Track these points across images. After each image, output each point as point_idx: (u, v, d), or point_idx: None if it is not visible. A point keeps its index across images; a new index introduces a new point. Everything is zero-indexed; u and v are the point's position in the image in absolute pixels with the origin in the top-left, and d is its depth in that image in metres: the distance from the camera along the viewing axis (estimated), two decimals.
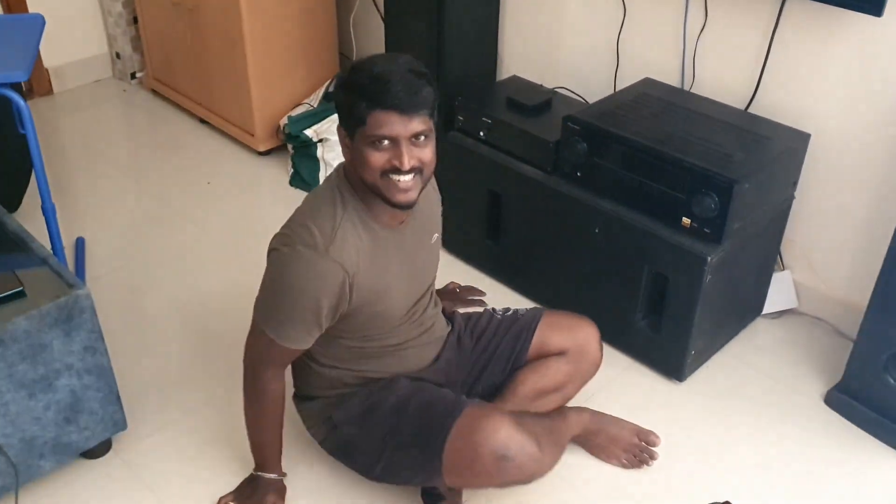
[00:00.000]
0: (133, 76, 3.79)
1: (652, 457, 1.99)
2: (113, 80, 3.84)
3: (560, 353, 1.96)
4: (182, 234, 2.82)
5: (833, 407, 2.16)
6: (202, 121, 3.47)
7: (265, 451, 1.84)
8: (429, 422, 1.71)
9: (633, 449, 1.99)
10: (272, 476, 1.86)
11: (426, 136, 1.56)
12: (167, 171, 3.18)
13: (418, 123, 1.53)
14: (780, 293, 2.44)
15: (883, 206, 2.17)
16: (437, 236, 1.85)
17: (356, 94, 1.53)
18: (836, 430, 2.11)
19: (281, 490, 1.87)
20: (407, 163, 1.53)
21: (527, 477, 1.66)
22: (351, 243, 1.61)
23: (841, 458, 2.03)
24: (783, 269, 2.44)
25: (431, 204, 1.85)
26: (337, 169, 1.70)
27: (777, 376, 2.27)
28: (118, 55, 3.76)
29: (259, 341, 1.70)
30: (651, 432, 2.01)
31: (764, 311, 2.46)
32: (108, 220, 2.88)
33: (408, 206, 1.61)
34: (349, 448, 1.85)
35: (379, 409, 1.77)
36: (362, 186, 1.62)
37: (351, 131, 1.57)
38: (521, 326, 1.98)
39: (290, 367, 1.90)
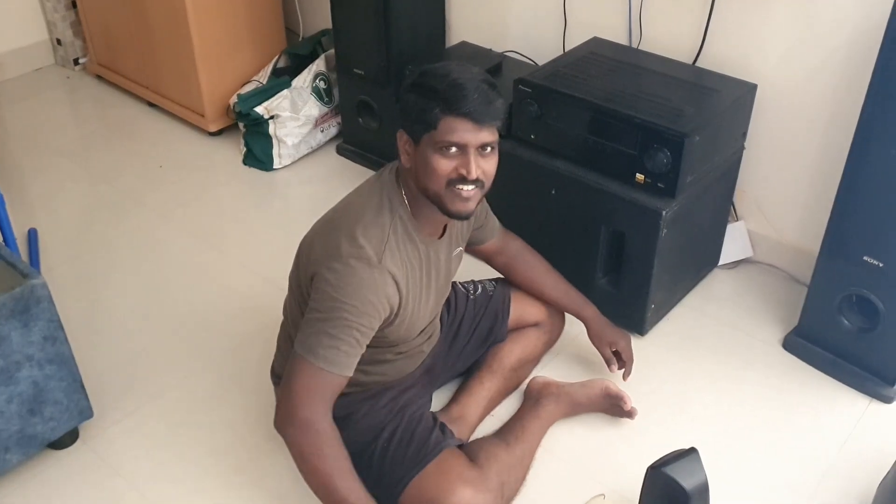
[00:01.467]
0: (76, 62, 3.71)
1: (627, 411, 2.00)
2: (55, 68, 3.76)
3: (535, 325, 2.06)
4: (137, 220, 2.78)
5: (791, 351, 2.22)
6: (150, 104, 3.42)
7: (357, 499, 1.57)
8: (395, 461, 1.68)
9: (606, 407, 2.02)
10: None
11: (492, 148, 1.55)
12: (118, 157, 3.13)
13: (488, 134, 1.52)
14: (734, 243, 2.49)
15: (830, 151, 2.21)
16: (459, 250, 1.83)
17: (430, 98, 1.50)
18: (795, 372, 2.17)
19: None
20: (473, 172, 1.52)
21: None
22: (399, 254, 1.59)
23: (801, 400, 2.09)
24: (737, 220, 2.49)
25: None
26: (388, 172, 1.66)
27: (736, 324, 2.32)
28: (59, 41, 3.68)
29: (306, 376, 1.54)
30: (623, 396, 1.99)
31: (720, 262, 2.50)
32: (59, 210, 2.84)
33: (466, 217, 1.60)
34: None
35: (355, 422, 1.73)
36: (417, 194, 1.60)
37: (417, 136, 1.54)
38: (496, 305, 2.02)
39: (278, 344, 1.89)
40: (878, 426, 2.01)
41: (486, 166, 1.55)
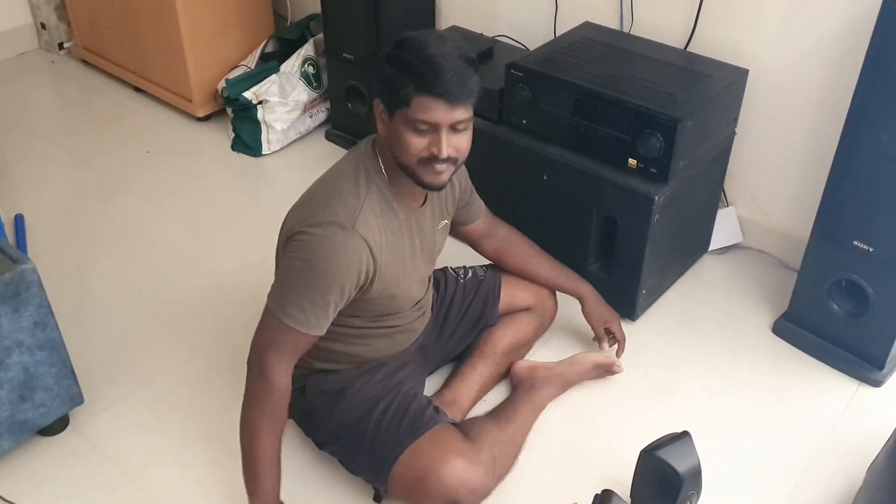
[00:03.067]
0: (61, 47, 3.67)
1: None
2: (40, 52, 3.71)
3: (526, 309, 2.07)
4: (125, 206, 2.76)
5: (781, 336, 2.23)
6: (137, 89, 3.39)
7: (261, 469, 1.61)
8: (390, 432, 1.69)
9: (595, 377, 2.07)
10: None
11: (466, 125, 1.55)
12: (104, 143, 3.10)
13: (461, 112, 1.51)
14: (725, 229, 2.50)
15: (820, 137, 2.22)
16: (445, 223, 1.83)
17: (405, 74, 1.48)
18: (784, 357, 2.18)
19: None
20: (445, 151, 1.52)
21: None
22: (374, 221, 1.59)
23: (790, 384, 2.10)
24: (727, 206, 2.49)
25: (448, 189, 1.82)
26: (365, 143, 1.66)
27: (726, 310, 2.33)
28: (43, 25, 3.63)
29: (272, 329, 1.59)
30: (612, 363, 2.06)
31: (710, 248, 2.51)
32: (46, 196, 2.81)
33: (440, 188, 1.61)
34: (311, 419, 1.85)
35: (351, 395, 1.75)
36: (393, 164, 1.61)
37: (391, 109, 1.54)
38: (486, 289, 2.03)
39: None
40: (867, 410, 2.03)
41: (458, 143, 1.55)
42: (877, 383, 2.08)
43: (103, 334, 2.23)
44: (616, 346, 2.11)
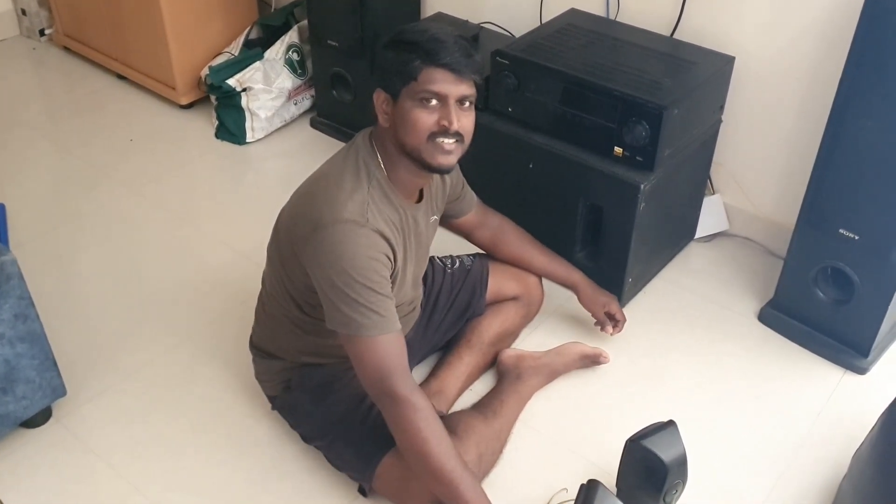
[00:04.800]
0: (42, 33, 3.62)
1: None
2: (21, 39, 3.66)
3: (513, 298, 2.06)
4: (107, 194, 2.73)
5: (766, 323, 2.23)
6: (119, 76, 3.35)
7: (468, 486, 1.52)
8: (376, 430, 1.67)
9: (582, 367, 2.07)
10: None
11: (471, 103, 1.56)
12: (86, 131, 3.06)
13: (467, 87, 1.53)
14: (711, 217, 2.50)
15: (806, 125, 2.22)
16: (435, 218, 1.82)
17: (410, 51, 1.51)
18: (770, 344, 2.18)
19: None
20: (455, 123, 1.52)
21: None
22: (381, 216, 1.57)
23: (776, 371, 2.11)
24: (713, 193, 2.49)
25: (439, 185, 1.81)
26: (361, 138, 1.65)
27: (712, 297, 2.33)
28: (24, 11, 3.58)
29: (369, 353, 1.52)
30: (599, 353, 2.06)
31: (697, 235, 2.51)
32: (28, 185, 2.78)
33: (448, 170, 1.60)
34: (296, 414, 1.84)
35: (338, 389, 1.73)
36: (394, 157, 1.60)
37: (396, 91, 1.53)
38: (474, 278, 2.02)
39: (256, 317, 1.88)
40: (852, 397, 2.04)
41: (465, 121, 1.55)
42: (862, 371, 2.09)
43: (87, 325, 2.21)
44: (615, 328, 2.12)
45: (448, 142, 1.54)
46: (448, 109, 1.52)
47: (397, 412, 1.52)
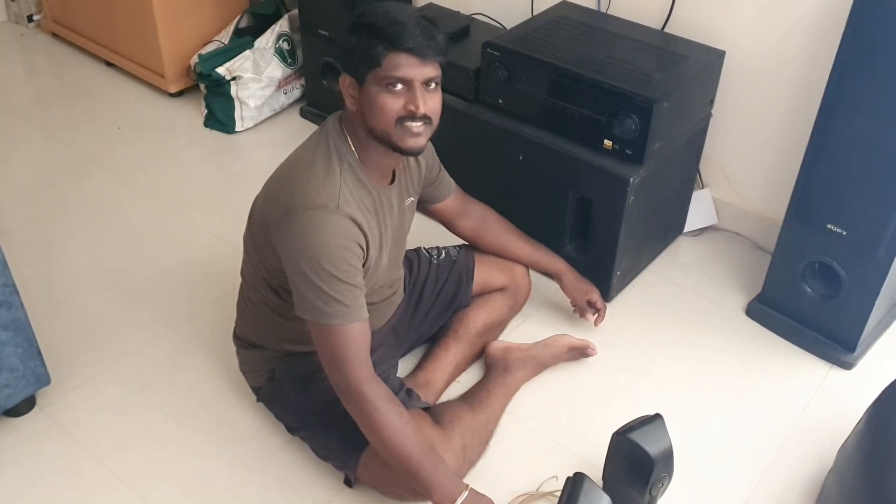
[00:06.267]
0: (30, 19, 3.59)
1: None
2: (9, 24, 3.63)
3: (500, 289, 2.06)
4: (95, 182, 2.71)
5: (754, 318, 2.24)
6: (108, 63, 3.32)
7: (432, 462, 1.54)
8: None
9: (569, 359, 2.07)
10: (469, 487, 1.57)
11: (436, 84, 1.56)
12: (74, 118, 3.04)
13: (431, 69, 1.53)
14: (700, 211, 2.50)
15: (796, 120, 2.22)
16: (412, 200, 1.81)
17: (373, 36, 1.49)
18: (757, 339, 2.19)
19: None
20: (421, 107, 1.52)
21: None
22: (353, 199, 1.57)
23: (763, 366, 2.11)
24: (702, 187, 2.49)
25: (414, 167, 1.80)
26: (331, 122, 1.64)
27: (700, 291, 2.33)
28: None
29: (330, 340, 1.54)
30: (587, 346, 2.06)
31: (685, 229, 2.51)
32: (15, 172, 2.75)
33: (418, 152, 1.60)
34: (281, 404, 1.84)
35: (322, 379, 1.71)
36: (364, 139, 1.59)
37: (361, 76, 1.53)
38: (460, 269, 2.02)
39: (238, 308, 1.88)
40: (838, 392, 2.04)
41: (431, 103, 1.55)
42: (848, 366, 2.09)
43: (72, 313, 2.20)
44: (596, 317, 2.14)
45: (416, 125, 1.55)
46: (414, 93, 1.52)
47: (353, 401, 1.55)
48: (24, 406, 1.91)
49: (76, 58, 3.41)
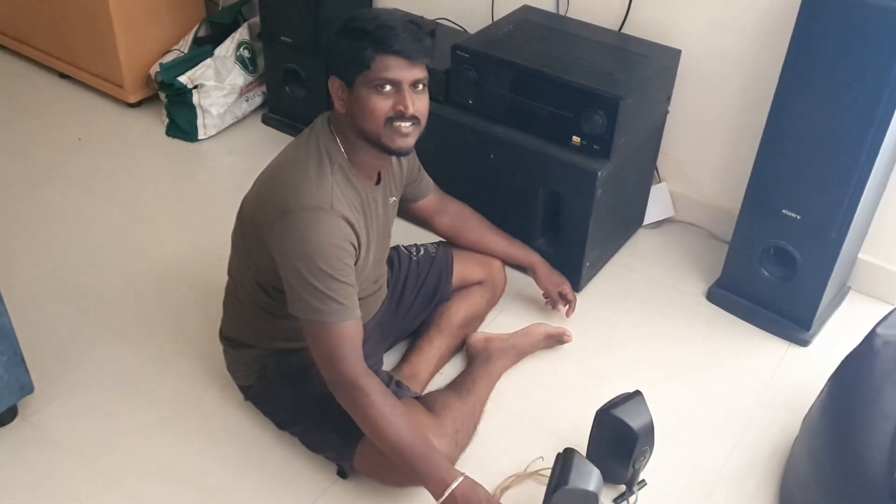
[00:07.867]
0: None
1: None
2: None
3: (478, 283, 2.13)
4: (59, 195, 2.69)
5: (715, 302, 2.35)
6: (62, 75, 3.29)
7: (425, 453, 1.58)
8: None
9: (547, 346, 2.15)
10: (464, 475, 1.59)
11: (424, 85, 1.60)
12: (31, 132, 3.00)
13: (419, 71, 1.57)
14: (658, 204, 2.61)
15: (749, 114, 2.34)
16: (394, 199, 1.86)
17: (362, 39, 1.54)
18: (719, 322, 2.30)
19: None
20: (410, 108, 1.56)
21: None
22: (344, 200, 1.61)
23: (726, 346, 2.23)
24: (660, 181, 2.61)
25: (397, 167, 1.85)
26: (321, 123, 1.68)
27: (662, 279, 2.44)
28: None
29: (323, 338, 1.58)
30: (563, 333, 2.15)
31: (644, 222, 2.62)
32: None
33: (407, 152, 1.65)
34: (272, 401, 1.87)
35: (313, 374, 1.74)
36: (353, 140, 1.63)
37: (350, 79, 1.57)
38: (440, 265, 2.08)
39: (224, 308, 1.90)
40: (796, 367, 2.17)
41: (419, 103, 1.61)
42: (804, 343, 2.22)
43: (50, 323, 2.19)
44: (567, 308, 2.22)
45: (405, 125, 1.60)
46: (403, 95, 1.57)
47: (349, 396, 1.59)
48: (7, 415, 1.89)
49: (27, 70, 3.36)
